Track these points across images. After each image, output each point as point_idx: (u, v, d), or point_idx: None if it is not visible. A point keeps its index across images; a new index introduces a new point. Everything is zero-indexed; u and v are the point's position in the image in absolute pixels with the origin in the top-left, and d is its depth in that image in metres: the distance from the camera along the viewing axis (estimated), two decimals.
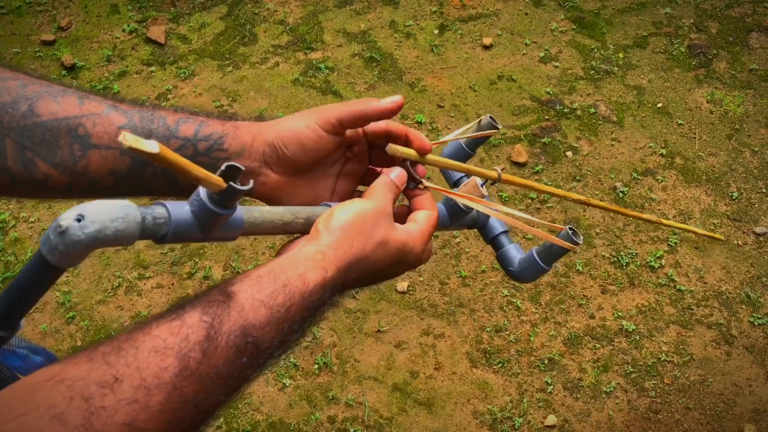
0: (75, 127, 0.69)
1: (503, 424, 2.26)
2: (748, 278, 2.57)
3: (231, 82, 3.12)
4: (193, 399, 0.55)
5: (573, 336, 2.44)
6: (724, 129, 2.98)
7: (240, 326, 0.58)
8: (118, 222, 0.52)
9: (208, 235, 0.61)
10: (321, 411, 2.27)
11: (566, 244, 0.83)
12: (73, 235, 0.50)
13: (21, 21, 3.33)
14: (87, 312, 2.47)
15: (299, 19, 3.37)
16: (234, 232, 0.64)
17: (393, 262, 0.73)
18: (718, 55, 3.23)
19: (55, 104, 0.69)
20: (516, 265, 0.90)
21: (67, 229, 0.50)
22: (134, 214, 0.53)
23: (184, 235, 0.59)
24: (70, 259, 0.51)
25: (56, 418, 0.49)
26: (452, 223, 0.85)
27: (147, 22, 3.34)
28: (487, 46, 3.25)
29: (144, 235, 0.55)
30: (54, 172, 0.69)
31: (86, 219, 0.51)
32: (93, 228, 0.50)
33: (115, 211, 0.52)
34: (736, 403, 2.31)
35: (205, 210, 0.58)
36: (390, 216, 0.73)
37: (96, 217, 0.51)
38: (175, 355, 0.55)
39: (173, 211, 0.58)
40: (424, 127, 2.96)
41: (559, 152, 2.89)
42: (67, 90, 0.72)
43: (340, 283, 0.67)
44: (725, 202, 2.76)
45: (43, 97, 0.69)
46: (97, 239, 0.51)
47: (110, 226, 0.51)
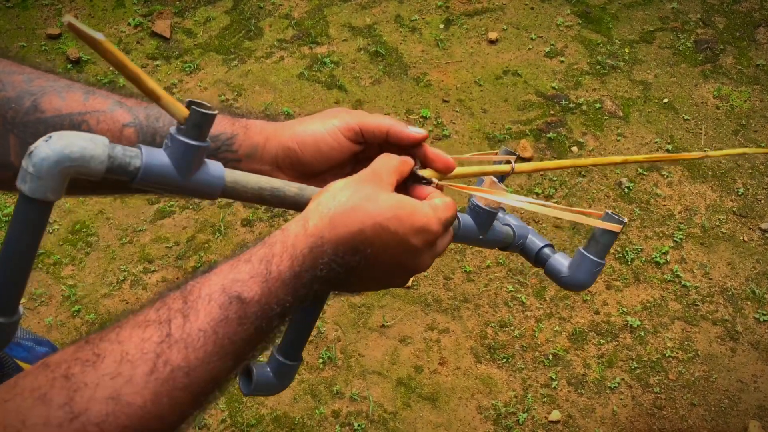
0: (78, 123, 0.69)
1: (507, 419, 2.26)
2: (753, 274, 2.56)
3: (236, 76, 3.12)
4: (183, 365, 0.53)
5: (577, 331, 2.43)
6: (730, 124, 2.97)
7: (220, 285, 0.57)
8: (85, 141, 0.52)
9: (184, 176, 0.59)
10: (325, 405, 2.28)
11: (612, 225, 0.76)
12: (40, 153, 0.50)
13: (26, 15, 3.34)
14: (92, 305, 2.48)
15: (304, 13, 3.37)
16: (213, 185, 0.62)
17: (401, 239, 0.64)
18: (725, 50, 3.22)
19: (60, 100, 0.68)
20: (566, 270, 0.82)
21: (35, 149, 0.51)
22: (103, 140, 0.54)
23: (158, 173, 0.57)
24: (43, 182, 0.51)
25: (39, 399, 0.49)
26: (482, 231, 0.78)
27: (152, 16, 3.34)
28: (493, 40, 3.24)
29: (113, 165, 0.54)
30: None
31: (54, 137, 0.51)
32: (59, 144, 0.51)
33: (85, 135, 0.53)
34: (741, 399, 2.31)
35: (176, 143, 0.57)
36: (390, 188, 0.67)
37: (64, 135, 0.52)
38: (155, 325, 0.54)
39: (146, 149, 0.57)
40: (429, 121, 2.95)
41: (564, 147, 2.88)
42: (73, 85, 0.71)
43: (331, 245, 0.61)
44: (731, 198, 2.75)
45: (48, 92, 0.68)
46: (63, 155, 0.51)
47: (77, 143, 0.52)
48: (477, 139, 2.90)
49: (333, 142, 0.73)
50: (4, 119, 0.66)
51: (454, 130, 2.93)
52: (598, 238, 0.78)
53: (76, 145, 0.51)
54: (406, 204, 0.64)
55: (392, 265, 0.66)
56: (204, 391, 0.56)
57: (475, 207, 0.77)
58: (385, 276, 0.68)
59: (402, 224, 0.64)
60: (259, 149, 0.74)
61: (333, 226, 0.61)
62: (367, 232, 0.62)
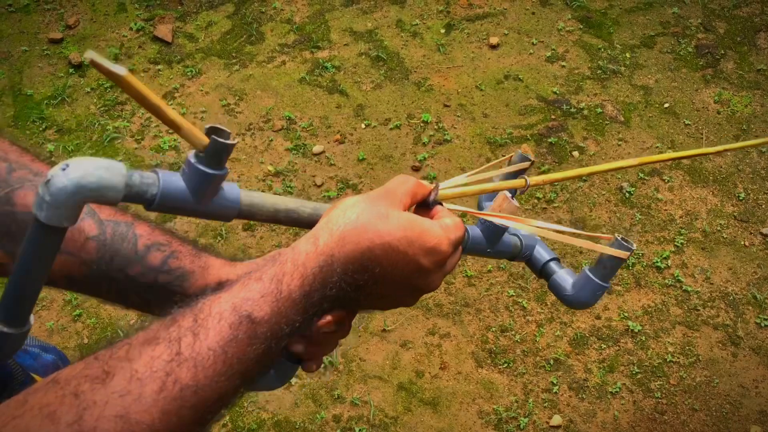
0: None
1: (508, 424, 2.26)
2: (754, 279, 2.56)
3: (238, 80, 3.12)
4: (191, 384, 0.53)
5: (579, 336, 2.43)
6: (731, 129, 2.97)
7: (230, 303, 0.57)
8: (102, 170, 0.51)
9: (200, 202, 0.59)
10: (326, 410, 2.28)
11: (620, 252, 0.76)
12: (57, 183, 0.50)
13: (29, 19, 3.34)
14: (93, 310, 2.48)
15: (306, 17, 3.37)
16: (229, 208, 0.62)
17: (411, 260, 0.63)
18: (726, 55, 3.22)
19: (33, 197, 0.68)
20: (570, 288, 0.82)
21: (52, 178, 0.50)
22: (120, 168, 0.53)
23: (174, 199, 0.57)
24: (60, 212, 0.51)
25: (48, 417, 0.49)
26: (491, 245, 0.78)
27: (154, 21, 3.35)
28: (494, 45, 3.25)
29: (131, 194, 0.54)
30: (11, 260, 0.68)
31: (71, 166, 0.51)
32: (77, 174, 0.50)
33: (101, 162, 0.52)
34: (743, 404, 2.30)
35: (194, 171, 0.57)
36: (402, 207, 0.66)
37: (81, 164, 0.51)
38: (165, 343, 0.54)
39: (163, 174, 0.57)
40: (430, 126, 2.96)
41: (565, 152, 2.89)
42: None
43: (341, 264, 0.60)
44: (732, 202, 2.75)
45: (24, 187, 0.68)
46: (80, 185, 0.50)
47: (95, 173, 0.51)
48: (478, 144, 2.91)
49: None
50: None
51: (456, 134, 2.93)
52: (605, 262, 0.78)
53: (94, 175, 0.51)
54: (416, 225, 0.64)
55: (402, 285, 0.66)
56: (211, 410, 0.55)
57: (486, 222, 0.77)
58: (395, 295, 0.67)
59: (412, 245, 0.63)
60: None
61: (343, 243, 0.60)
62: (377, 251, 0.61)
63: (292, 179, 2.79)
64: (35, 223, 0.52)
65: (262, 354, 0.58)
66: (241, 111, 3.02)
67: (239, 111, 3.01)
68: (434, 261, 0.65)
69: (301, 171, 2.82)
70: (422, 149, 2.88)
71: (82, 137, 2.93)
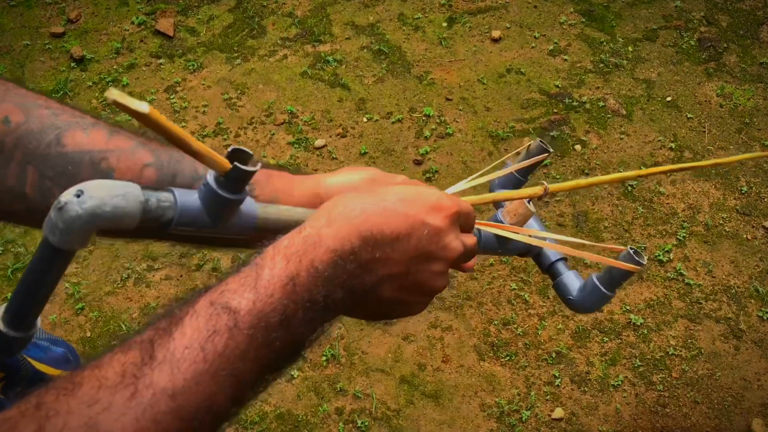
0: (99, 160, 0.67)
1: (511, 416, 2.27)
2: (757, 272, 2.56)
3: (239, 74, 3.12)
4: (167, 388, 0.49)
5: (581, 329, 2.43)
6: (733, 123, 2.97)
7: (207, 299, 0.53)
8: (118, 198, 0.50)
9: (217, 224, 0.58)
10: (329, 403, 2.28)
11: (629, 266, 0.75)
12: (71, 211, 0.48)
13: (30, 13, 3.34)
14: (96, 303, 2.49)
15: (307, 11, 3.37)
16: (246, 225, 0.60)
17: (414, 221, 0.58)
18: (729, 48, 3.21)
19: (83, 136, 0.67)
20: (575, 293, 0.81)
21: (65, 205, 0.48)
22: (136, 193, 0.51)
23: (191, 222, 0.56)
24: (72, 238, 0.49)
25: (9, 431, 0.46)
26: (502, 247, 0.77)
27: (156, 15, 3.34)
28: (496, 39, 3.24)
29: (147, 218, 0.52)
30: None
31: (85, 194, 0.49)
32: (91, 203, 0.48)
33: (117, 188, 0.50)
34: (744, 397, 2.31)
35: (213, 194, 0.55)
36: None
37: (95, 192, 0.49)
38: (137, 346, 0.50)
39: (180, 196, 0.55)
40: (432, 120, 2.96)
41: (567, 146, 2.88)
42: (98, 123, 0.69)
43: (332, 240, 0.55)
44: (734, 196, 2.75)
45: (72, 127, 0.67)
46: (95, 215, 0.49)
47: (110, 201, 0.49)
48: (480, 138, 2.90)
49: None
50: (26, 150, 0.65)
51: (458, 128, 2.93)
52: (614, 273, 0.77)
53: (109, 204, 0.49)
54: (411, 188, 0.60)
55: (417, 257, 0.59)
56: (195, 416, 0.50)
57: (500, 222, 0.77)
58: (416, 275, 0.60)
59: (411, 205, 0.58)
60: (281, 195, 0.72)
61: (330, 221, 0.56)
62: (374, 219, 0.57)
63: None
64: (45, 244, 0.50)
65: (248, 348, 0.52)
66: (243, 105, 3.01)
67: (241, 105, 3.01)
68: (442, 218, 0.60)
69: (303, 165, 2.82)
70: (424, 143, 2.88)
71: None
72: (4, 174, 0.65)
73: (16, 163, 0.65)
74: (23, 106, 0.66)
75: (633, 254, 0.75)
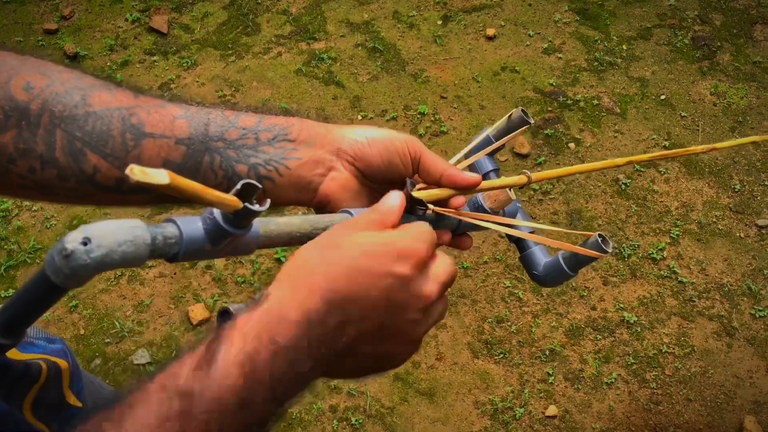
0: (129, 116, 0.66)
1: (504, 414, 2.27)
2: (749, 270, 2.57)
3: (234, 72, 3.12)
4: None
5: (574, 327, 2.44)
6: (727, 121, 2.98)
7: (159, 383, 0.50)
8: (126, 245, 0.49)
9: (221, 252, 0.58)
10: (323, 400, 2.28)
11: (594, 253, 0.77)
12: (78, 260, 0.47)
13: (23, 10, 3.33)
14: (90, 301, 2.48)
15: (302, 9, 3.37)
16: (249, 246, 0.60)
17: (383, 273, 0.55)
18: (722, 47, 3.22)
19: (109, 95, 0.66)
20: (540, 269, 0.84)
21: (72, 253, 0.47)
22: (143, 236, 0.50)
23: (195, 253, 0.56)
24: (76, 281, 0.49)
25: None
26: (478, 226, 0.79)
27: (149, 12, 3.33)
28: (491, 37, 3.24)
29: (154, 256, 0.52)
30: (104, 163, 0.65)
31: (92, 243, 0.48)
32: (99, 252, 0.48)
33: (123, 233, 0.49)
34: (737, 394, 2.32)
35: (219, 229, 0.56)
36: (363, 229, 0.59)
37: (102, 240, 0.48)
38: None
39: (185, 229, 0.55)
40: (426, 118, 2.96)
41: (562, 144, 2.89)
42: (123, 84, 0.69)
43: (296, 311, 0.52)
44: (728, 194, 2.76)
45: (98, 87, 0.66)
46: (103, 263, 0.48)
47: (117, 250, 0.48)
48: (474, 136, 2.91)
49: (401, 149, 0.71)
50: (52, 114, 0.64)
51: (452, 126, 2.93)
52: (579, 256, 0.79)
53: (117, 252, 0.48)
54: (377, 237, 0.57)
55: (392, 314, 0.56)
56: None
57: (479, 206, 0.78)
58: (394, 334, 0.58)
59: (376, 257, 0.55)
60: (320, 137, 0.72)
61: (293, 289, 0.53)
62: (338, 283, 0.54)
63: None
64: (45, 280, 0.49)
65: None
66: (237, 102, 3.01)
67: (235, 102, 3.01)
68: (411, 264, 0.56)
69: None
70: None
71: None
72: (32, 141, 0.63)
73: (43, 128, 0.63)
74: (44, 72, 0.65)
75: (600, 242, 0.76)
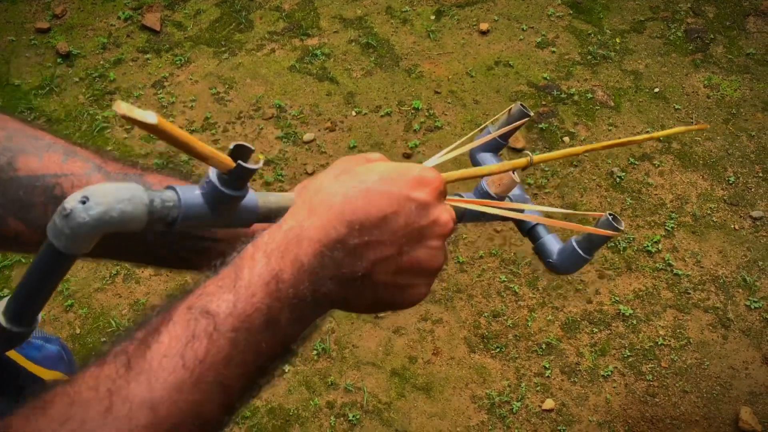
0: (52, 186, 0.65)
1: (501, 408, 2.28)
2: (744, 262, 2.58)
3: (227, 69, 3.11)
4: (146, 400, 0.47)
5: (570, 321, 2.45)
6: (720, 113, 2.98)
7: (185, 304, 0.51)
8: (124, 203, 0.50)
9: (221, 219, 0.59)
10: (320, 396, 2.28)
11: (607, 232, 0.77)
12: (78, 218, 0.48)
13: (15, 9, 3.31)
14: (85, 300, 2.48)
15: (295, 5, 3.36)
16: (248, 216, 0.61)
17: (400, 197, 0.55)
18: (715, 39, 3.23)
19: (37, 160, 0.65)
20: (555, 256, 0.83)
21: (71, 212, 0.48)
22: (141, 196, 0.51)
23: (195, 219, 0.56)
24: (78, 243, 0.50)
25: None
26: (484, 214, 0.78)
27: (142, 10, 3.32)
28: (484, 31, 3.24)
29: (153, 219, 0.53)
30: (25, 229, 0.65)
31: (91, 200, 0.49)
32: (98, 210, 0.49)
33: (122, 192, 0.50)
34: (733, 385, 2.33)
35: (216, 192, 0.56)
36: None
37: (101, 198, 0.49)
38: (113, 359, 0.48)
39: (183, 194, 0.55)
40: (421, 113, 2.95)
41: (556, 137, 2.89)
42: (55, 145, 0.68)
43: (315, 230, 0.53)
44: (722, 186, 2.77)
45: (26, 151, 0.65)
46: (102, 221, 0.49)
47: (116, 207, 0.49)
48: (469, 131, 2.90)
49: None
50: None
51: (446, 121, 2.93)
52: (591, 237, 0.79)
53: (116, 209, 0.49)
54: (390, 165, 0.57)
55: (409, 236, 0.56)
56: (180, 427, 0.47)
57: (484, 193, 0.78)
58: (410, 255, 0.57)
59: (393, 182, 0.55)
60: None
61: (312, 211, 0.54)
62: (356, 203, 0.54)
63: (283, 167, 2.78)
64: (50, 248, 0.50)
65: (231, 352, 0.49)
66: (231, 99, 3.00)
67: (229, 99, 3.00)
68: (428, 191, 0.57)
69: (292, 159, 2.82)
70: (413, 136, 2.88)
71: (72, 127, 2.91)
72: None
73: None
74: None
75: (612, 220, 0.76)
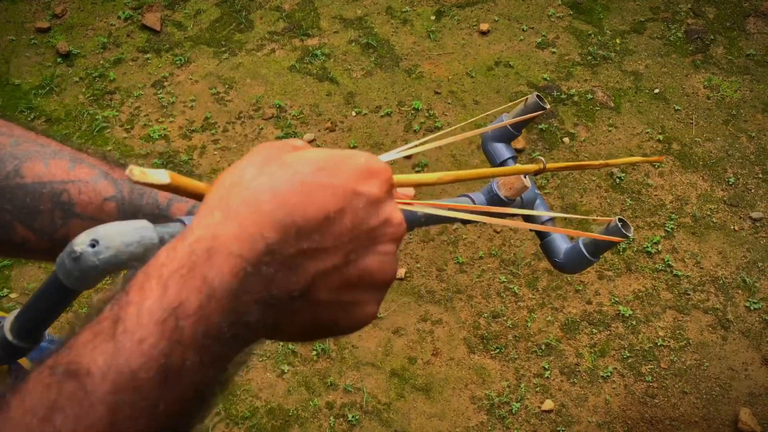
0: (59, 192, 0.65)
1: (501, 408, 2.28)
2: (744, 263, 2.58)
3: (227, 69, 3.11)
4: None
5: (570, 321, 2.45)
6: (720, 114, 2.98)
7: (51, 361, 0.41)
8: (133, 246, 0.49)
9: None
10: (319, 397, 2.28)
11: (615, 238, 0.77)
12: (87, 261, 0.48)
13: (15, 8, 3.31)
14: (85, 300, 2.48)
15: (295, 5, 3.36)
16: None
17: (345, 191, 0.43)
18: (715, 40, 3.23)
19: (43, 167, 0.65)
20: (561, 256, 0.83)
21: (81, 255, 0.48)
22: (150, 236, 0.50)
23: None
24: (86, 283, 0.50)
25: None
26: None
27: (142, 9, 3.32)
28: (484, 32, 3.24)
29: None
30: (32, 236, 0.65)
31: (101, 244, 0.48)
32: (108, 254, 0.48)
33: (131, 234, 0.49)
34: (732, 386, 2.33)
35: None
36: None
37: (110, 242, 0.48)
38: None
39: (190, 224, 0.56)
40: (420, 113, 2.95)
41: (556, 138, 2.89)
42: (61, 151, 0.67)
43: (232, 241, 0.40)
44: (722, 187, 2.77)
45: (32, 158, 0.65)
46: (111, 264, 0.49)
47: (125, 251, 0.49)
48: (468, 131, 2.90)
49: None
50: None
51: (446, 121, 2.93)
52: (599, 241, 0.79)
53: (125, 253, 0.49)
54: (331, 153, 0.45)
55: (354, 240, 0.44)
56: None
57: (494, 195, 0.77)
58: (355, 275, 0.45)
59: (336, 173, 0.43)
60: None
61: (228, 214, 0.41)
62: (291, 199, 0.41)
63: None
64: (58, 283, 0.50)
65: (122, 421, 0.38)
66: (231, 99, 3.00)
67: (229, 99, 3.00)
68: (378, 184, 0.45)
69: None
70: (413, 137, 2.88)
71: (71, 127, 2.91)
72: None
73: None
74: None
75: (621, 227, 0.77)
